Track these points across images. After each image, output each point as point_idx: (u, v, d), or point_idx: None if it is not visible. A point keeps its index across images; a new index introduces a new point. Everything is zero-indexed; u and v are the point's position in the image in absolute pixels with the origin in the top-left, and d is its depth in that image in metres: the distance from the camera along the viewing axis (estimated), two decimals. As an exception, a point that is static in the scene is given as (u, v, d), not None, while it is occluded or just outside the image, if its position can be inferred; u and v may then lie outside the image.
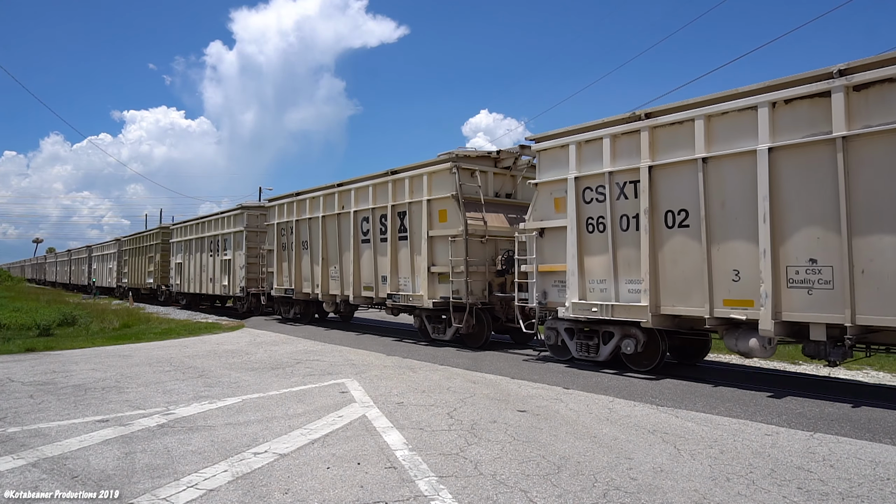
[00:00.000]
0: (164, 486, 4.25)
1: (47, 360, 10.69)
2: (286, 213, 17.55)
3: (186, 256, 25.22)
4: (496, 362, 10.21)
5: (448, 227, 11.83)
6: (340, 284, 15.05)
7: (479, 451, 5.06)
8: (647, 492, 4.14)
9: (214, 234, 22.55)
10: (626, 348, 8.90)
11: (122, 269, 35.86)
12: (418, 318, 13.21)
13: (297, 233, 16.84)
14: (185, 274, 25.23)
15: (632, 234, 8.77)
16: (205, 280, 23.39)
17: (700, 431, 5.74)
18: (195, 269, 24.25)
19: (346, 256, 14.76)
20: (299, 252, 16.82)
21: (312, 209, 16.28)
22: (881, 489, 4.22)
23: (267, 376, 8.76)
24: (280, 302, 18.56)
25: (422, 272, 12.28)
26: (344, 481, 4.34)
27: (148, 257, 30.38)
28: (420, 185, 12.59)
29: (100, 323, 17.81)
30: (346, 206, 14.90)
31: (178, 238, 26.33)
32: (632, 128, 8.78)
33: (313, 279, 16.09)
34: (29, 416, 6.31)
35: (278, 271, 17.98)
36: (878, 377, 9.17)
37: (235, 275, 20.83)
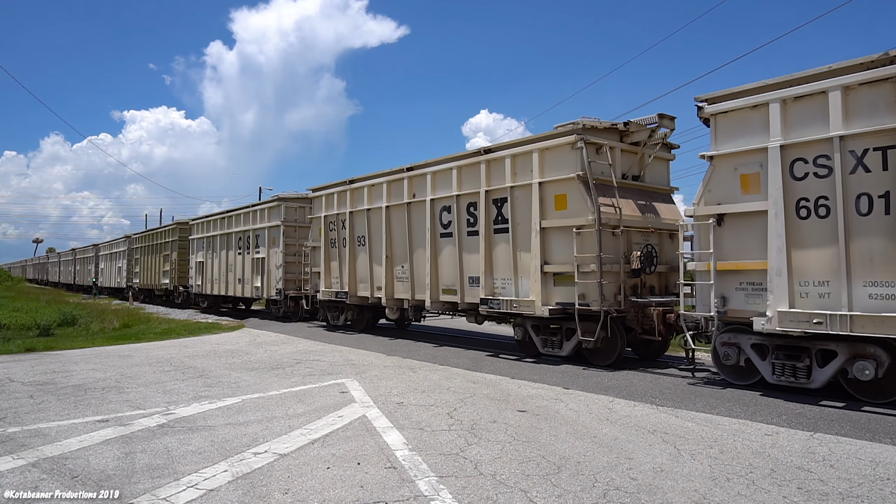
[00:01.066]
0: (164, 486, 4.25)
1: (47, 360, 10.69)
2: (336, 205, 15.28)
3: (209, 255, 22.90)
4: (496, 362, 10.20)
5: (570, 216, 9.57)
6: (410, 287, 12.87)
7: (480, 451, 5.06)
8: (647, 492, 4.14)
9: (244, 229, 20.33)
10: (858, 373, 6.76)
11: (133, 268, 33.44)
12: (520, 329, 10.73)
13: (351, 226, 14.73)
14: (208, 274, 22.96)
15: (878, 220, 6.64)
16: (231, 281, 21.20)
17: (700, 431, 5.74)
18: (219, 269, 21.95)
19: (420, 254, 12.62)
20: (354, 249, 14.75)
21: (372, 198, 14.08)
22: (881, 489, 4.22)
23: (267, 376, 8.76)
24: (327, 307, 16.20)
25: (530, 272, 10.07)
26: (344, 481, 4.34)
27: (163, 256, 27.88)
28: (527, 165, 10.25)
29: (100, 323, 17.82)
30: (418, 194, 12.67)
31: (198, 234, 23.97)
32: (882, 74, 6.60)
33: (373, 280, 14.00)
34: (29, 416, 6.31)
35: (326, 271, 15.74)
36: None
37: (270, 275, 18.76)
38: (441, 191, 12.14)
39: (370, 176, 14.31)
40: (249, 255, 19.89)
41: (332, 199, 15.64)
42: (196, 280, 24.11)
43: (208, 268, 23.01)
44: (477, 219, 11.25)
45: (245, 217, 20.60)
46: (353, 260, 14.81)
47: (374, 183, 14.05)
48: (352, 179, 14.92)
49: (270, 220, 18.95)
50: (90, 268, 44.06)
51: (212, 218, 23.21)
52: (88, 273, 44.24)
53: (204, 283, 23.32)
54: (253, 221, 19.95)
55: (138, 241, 32.78)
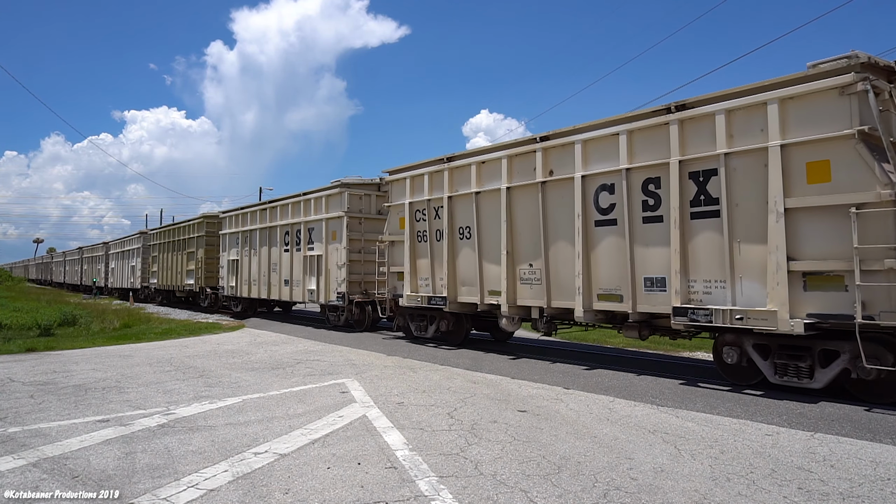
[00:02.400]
0: (164, 486, 4.25)
1: (48, 360, 10.70)
2: (428, 188, 12.47)
3: (245, 252, 20.06)
4: (496, 362, 10.20)
5: (837, 191, 6.90)
6: (544, 290, 10.03)
7: (480, 451, 5.05)
8: (647, 492, 4.14)
9: (293, 222, 17.44)
10: None
11: (150, 267, 30.28)
12: (734, 350, 7.86)
13: (450, 215, 11.91)
14: (243, 274, 20.15)
15: None
16: (276, 282, 18.30)
17: (700, 431, 5.73)
18: (259, 269, 19.26)
19: (561, 249, 9.82)
20: (454, 243, 11.93)
21: (484, 178, 11.29)
22: (882, 489, 4.21)
23: (267, 376, 8.76)
24: (411, 315, 13.38)
25: (766, 271, 7.37)
26: (344, 481, 4.34)
27: (186, 254, 24.93)
28: (755, 122, 7.58)
29: (100, 323, 17.83)
30: (559, 170, 9.92)
31: (231, 229, 20.99)
32: None
33: (483, 283, 11.15)
34: (29, 416, 6.31)
35: (412, 271, 12.83)
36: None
37: (329, 276, 15.82)
38: (597, 164, 9.39)
39: (479, 150, 11.61)
40: (300, 253, 16.92)
41: (419, 181, 12.74)
42: (229, 281, 21.20)
43: (244, 267, 20.21)
44: (660, 200, 8.55)
45: (295, 208, 17.46)
46: (452, 257, 11.95)
47: (488, 159, 11.17)
48: (451, 156, 12.06)
49: (329, 210, 15.91)
50: (99, 267, 41.54)
51: (249, 210, 20.18)
52: (98, 273, 41.94)
53: (239, 285, 20.48)
54: (305, 212, 16.91)
55: (156, 238, 29.50)
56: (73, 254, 53.08)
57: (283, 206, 18.17)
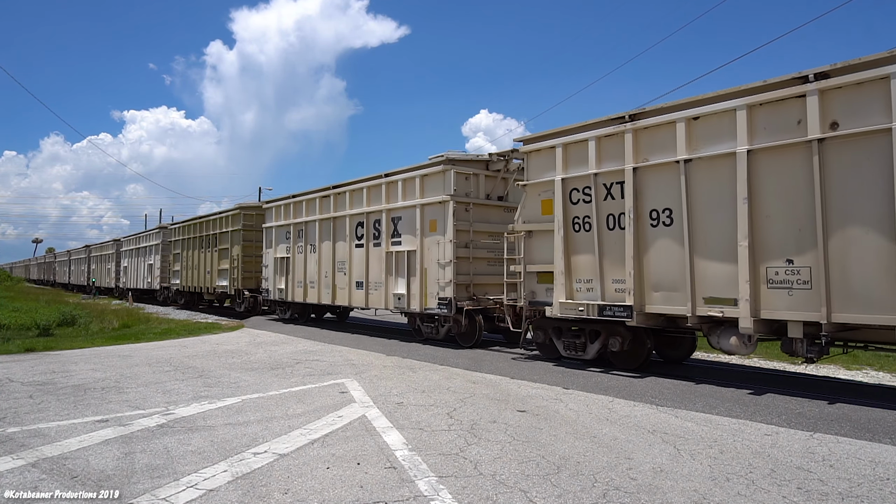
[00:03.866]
0: (163, 486, 4.25)
1: (47, 360, 10.69)
2: (594, 159, 9.31)
3: (299, 248, 17.11)
4: (496, 362, 10.20)
5: None
6: (820, 297, 7.02)
7: (479, 451, 5.05)
8: (646, 492, 4.14)
9: (369, 210, 14.19)
10: None
11: (171, 266, 27.42)
12: None
13: (635, 195, 8.78)
14: (295, 274, 17.26)
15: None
16: (343, 285, 15.13)
17: (700, 431, 5.74)
18: (319, 268, 16.13)
19: (850, 237, 6.89)
20: (641, 232, 8.77)
21: (700, 141, 8.14)
22: (881, 489, 4.22)
23: (267, 376, 8.76)
24: (557, 330, 10.19)
25: None
26: (344, 481, 4.34)
27: (218, 251, 22.07)
28: None
29: (99, 323, 17.83)
30: (848, 121, 6.87)
31: (279, 221, 18.15)
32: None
33: (695, 286, 8.12)
34: (28, 417, 6.31)
35: (565, 270, 9.72)
36: (877, 377, 9.18)
37: (426, 277, 12.45)
38: None
39: (686, 103, 8.28)
40: (381, 248, 13.79)
41: (579, 151, 9.65)
42: (276, 283, 18.18)
43: (296, 266, 17.21)
44: None
45: (373, 193, 14.28)
46: (638, 251, 8.79)
47: (707, 113, 8.02)
48: (634, 113, 8.89)
49: (426, 193, 12.65)
50: (109, 266, 38.34)
51: (305, 197, 16.99)
52: (107, 273, 38.87)
53: (290, 287, 17.46)
54: (389, 198, 13.69)
55: (179, 233, 26.31)
56: (79, 252, 49.81)
57: (355, 192, 14.90)
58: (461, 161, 12.51)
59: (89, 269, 44.21)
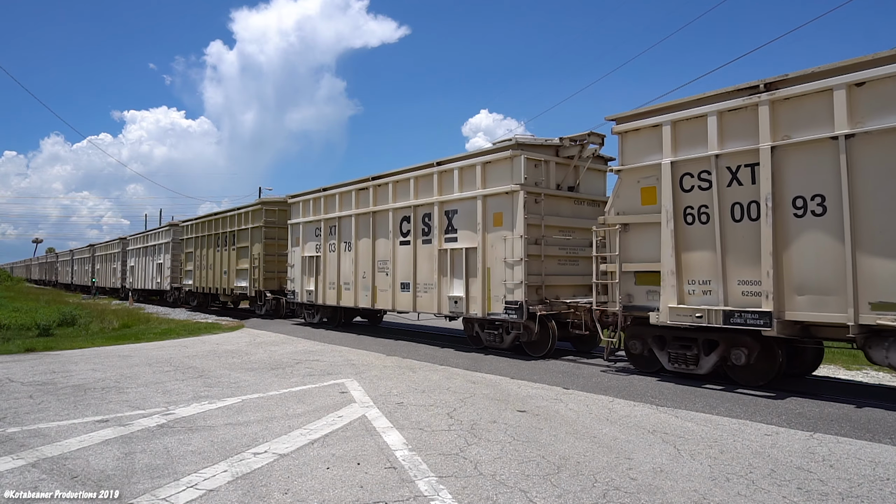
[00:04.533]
0: (163, 486, 4.25)
1: (47, 360, 10.69)
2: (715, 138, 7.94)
3: (331, 246, 15.60)
4: (496, 362, 10.20)
5: None
6: None
7: (479, 451, 5.06)
8: (646, 492, 4.14)
9: (418, 203, 12.68)
10: None
11: (183, 266, 26.04)
12: None
13: (773, 179, 7.41)
14: (326, 275, 15.76)
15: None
16: (385, 286, 13.58)
17: (700, 431, 5.74)
18: (355, 268, 14.57)
19: None
20: (781, 224, 7.42)
21: (868, 111, 6.75)
22: (881, 489, 4.22)
23: (267, 376, 8.76)
24: (658, 339, 8.75)
25: None
26: (344, 481, 4.34)
27: (237, 249, 20.69)
28: None
29: (99, 323, 17.83)
30: None
31: (307, 217, 16.65)
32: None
33: (858, 288, 6.78)
34: (29, 417, 6.31)
35: (677, 271, 8.31)
36: (877, 377, 9.17)
37: (490, 278, 10.92)
38: None
39: (839, 68, 6.96)
40: (431, 245, 12.30)
41: (693, 129, 8.23)
42: (304, 284, 16.71)
43: (328, 266, 15.80)
44: None
45: (421, 183, 12.70)
46: (779, 246, 7.43)
47: (876, 77, 6.66)
48: (770, 82, 7.50)
49: (490, 182, 11.05)
50: (115, 266, 36.90)
51: (338, 190, 15.46)
52: (112, 273, 37.41)
53: (321, 289, 15.97)
54: (443, 189, 12.13)
55: (192, 230, 25.08)
56: (83, 252, 48.03)
57: (399, 183, 13.36)
58: (531, 146, 11.03)
59: (93, 268, 43.01)
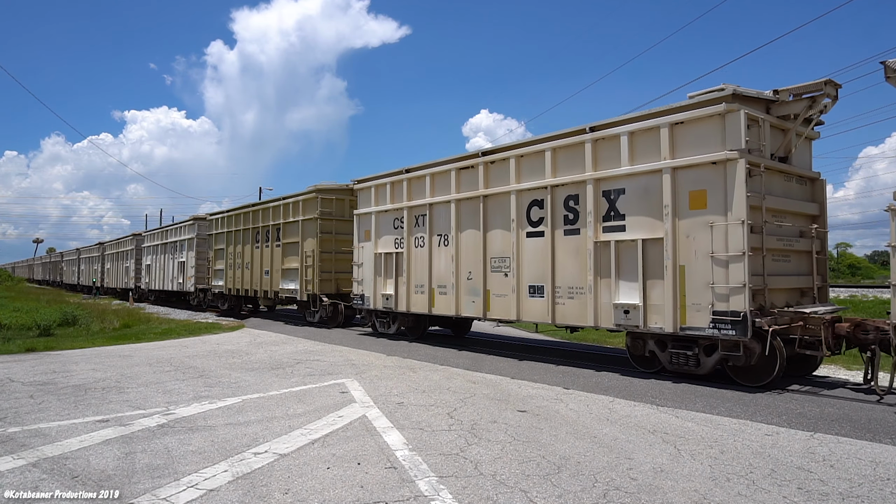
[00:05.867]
0: (164, 486, 4.25)
1: (47, 360, 10.69)
2: None
3: (418, 240, 12.81)
4: (496, 362, 10.20)
5: None
6: None
7: (480, 451, 5.06)
8: (647, 492, 4.14)
9: (557, 182, 9.87)
10: None
11: (211, 264, 23.26)
12: None
13: None
14: (413, 275, 12.95)
15: None
16: (504, 289, 10.71)
17: (700, 431, 5.74)
18: (457, 266, 11.72)
19: None
20: None
21: None
22: (881, 489, 4.22)
23: (267, 376, 8.76)
24: None
25: None
26: (344, 481, 4.34)
27: (282, 246, 18.21)
28: None
29: (100, 323, 17.82)
30: None
31: (382, 206, 13.92)
32: None
33: None
34: (29, 416, 6.31)
35: None
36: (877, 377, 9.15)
37: (685, 279, 8.24)
38: None
39: None
40: (581, 237, 9.51)
41: None
42: (378, 286, 13.94)
43: (414, 264, 12.96)
44: None
45: (560, 157, 9.91)
46: None
47: None
48: None
49: (683, 150, 8.40)
50: (128, 265, 34.22)
51: (428, 171, 12.62)
52: (125, 272, 34.59)
53: (402, 293, 13.24)
54: (598, 163, 9.35)
55: (224, 224, 22.16)
56: (91, 250, 45.17)
57: (527, 158, 10.48)
58: (749, 99, 8.28)
59: (103, 268, 40.22)
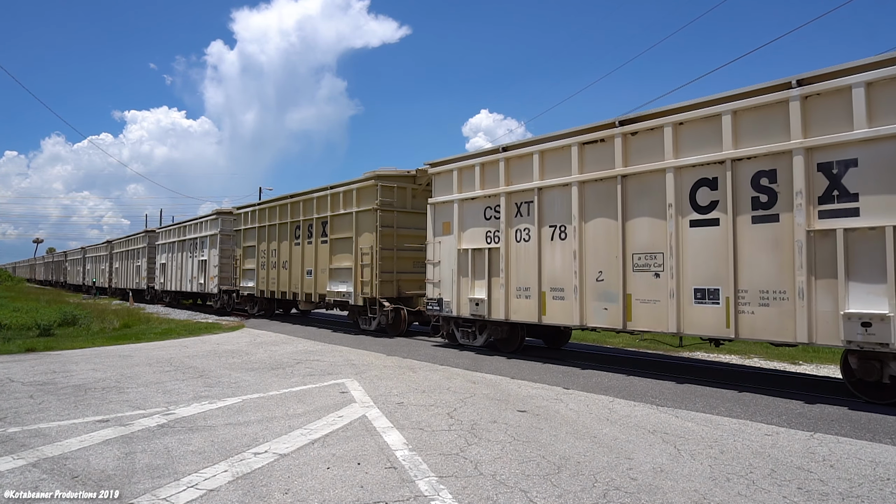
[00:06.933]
0: (164, 486, 4.25)
1: (47, 360, 10.69)
2: None
3: (525, 233, 10.43)
4: (496, 362, 10.20)
5: None
6: None
7: (480, 451, 5.06)
8: (647, 492, 4.14)
9: (736, 156, 7.67)
10: None
11: (240, 263, 20.78)
12: None
13: None
14: (514, 275, 10.59)
15: None
16: (653, 293, 8.51)
17: (700, 431, 5.74)
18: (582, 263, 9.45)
19: None
20: None
21: None
22: (881, 489, 4.22)
23: (267, 376, 8.76)
24: None
25: None
26: (344, 481, 4.34)
27: (329, 242, 15.93)
28: None
29: (100, 323, 17.82)
30: None
31: (467, 193, 11.56)
32: None
33: None
34: (29, 417, 6.31)
35: None
36: (878, 377, 9.15)
37: None
38: None
39: None
40: (778, 225, 7.41)
41: None
42: (464, 289, 11.57)
43: (516, 262, 10.56)
44: None
45: (743, 122, 7.73)
46: None
47: None
48: None
49: None
50: (138, 264, 32.20)
51: (532, 149, 10.28)
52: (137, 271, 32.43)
53: (499, 297, 10.82)
54: (807, 128, 7.15)
55: (255, 219, 19.80)
56: (97, 249, 42.53)
57: (686, 125, 8.25)
58: None
59: (111, 267, 38.24)
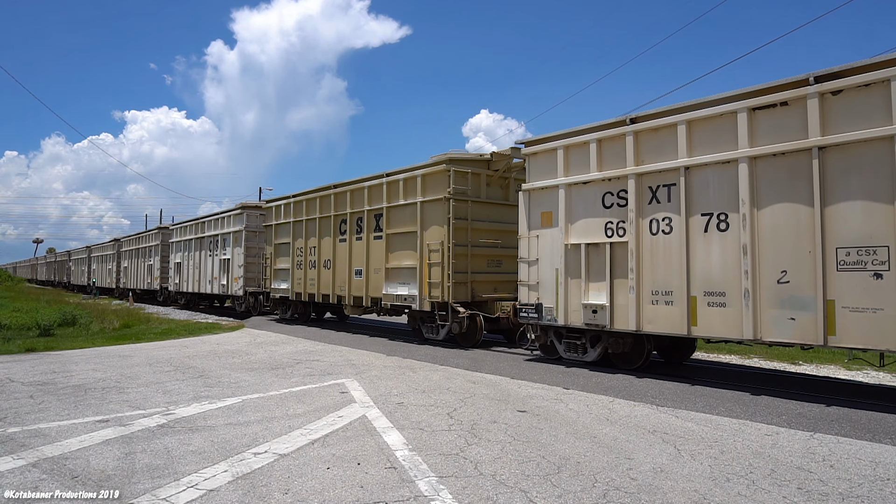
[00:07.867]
0: (164, 486, 4.25)
1: (47, 360, 10.69)
2: None
3: (664, 224, 8.48)
4: (496, 362, 10.20)
5: None
6: None
7: (480, 451, 5.05)
8: (647, 492, 4.14)
9: None
10: None
11: (271, 263, 18.78)
12: None
13: None
14: (651, 278, 8.61)
15: None
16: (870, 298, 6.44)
17: (700, 431, 5.74)
18: (756, 260, 7.47)
19: None
20: None
21: None
22: (881, 489, 4.22)
23: (267, 376, 8.76)
24: None
25: None
26: (344, 481, 4.34)
27: (385, 238, 13.80)
28: None
29: (100, 323, 17.83)
30: None
31: (577, 175, 9.66)
32: None
33: None
34: (29, 417, 6.31)
35: None
36: (878, 377, 9.17)
37: None
38: None
39: None
40: None
41: None
42: (572, 292, 9.67)
43: (651, 260, 8.69)
44: None
45: None
46: None
47: None
48: None
49: None
50: (150, 263, 30.13)
51: (670, 120, 8.42)
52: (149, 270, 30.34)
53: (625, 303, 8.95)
54: None
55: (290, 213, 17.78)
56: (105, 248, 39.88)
57: None
58: None
59: (119, 266, 36.25)
